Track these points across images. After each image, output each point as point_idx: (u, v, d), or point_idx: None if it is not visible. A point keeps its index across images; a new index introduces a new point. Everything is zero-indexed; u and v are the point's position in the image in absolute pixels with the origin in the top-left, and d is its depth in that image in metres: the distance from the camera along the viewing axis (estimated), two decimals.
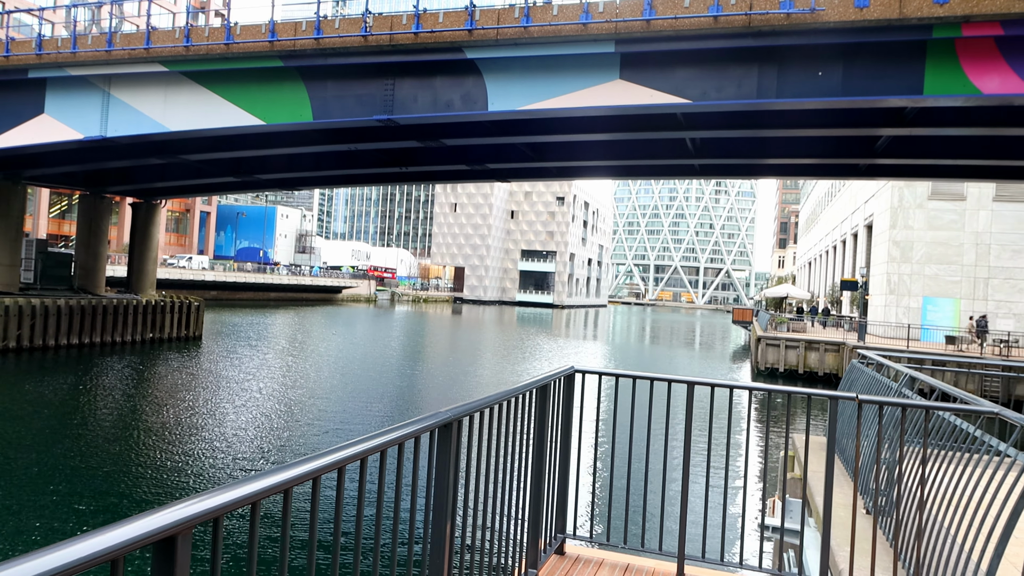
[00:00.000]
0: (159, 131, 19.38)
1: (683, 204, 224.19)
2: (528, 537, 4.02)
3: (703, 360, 43.84)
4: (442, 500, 2.86)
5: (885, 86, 14.24)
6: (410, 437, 2.51)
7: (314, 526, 2.05)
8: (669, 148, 22.31)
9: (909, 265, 38.29)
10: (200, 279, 63.23)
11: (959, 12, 12.83)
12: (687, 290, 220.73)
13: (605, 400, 14.64)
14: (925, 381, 5.69)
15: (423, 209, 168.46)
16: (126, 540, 1.31)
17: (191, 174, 29.06)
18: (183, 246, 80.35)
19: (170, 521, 1.43)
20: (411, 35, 16.17)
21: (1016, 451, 3.36)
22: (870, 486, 5.16)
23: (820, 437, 7.52)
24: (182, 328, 34.00)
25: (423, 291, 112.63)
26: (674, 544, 4.36)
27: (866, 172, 23.31)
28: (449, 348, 41.28)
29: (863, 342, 31.15)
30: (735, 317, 63.73)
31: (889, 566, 4.21)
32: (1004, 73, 13.39)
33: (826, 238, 65.50)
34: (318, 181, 33.32)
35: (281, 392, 21.37)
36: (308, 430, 16.49)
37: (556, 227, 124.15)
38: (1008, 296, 36.79)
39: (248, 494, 1.68)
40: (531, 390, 3.90)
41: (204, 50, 17.84)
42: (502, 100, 16.55)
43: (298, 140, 21.88)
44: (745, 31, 14.17)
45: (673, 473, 4.73)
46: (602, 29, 14.89)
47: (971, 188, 37.10)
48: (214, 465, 13.21)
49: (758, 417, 20.08)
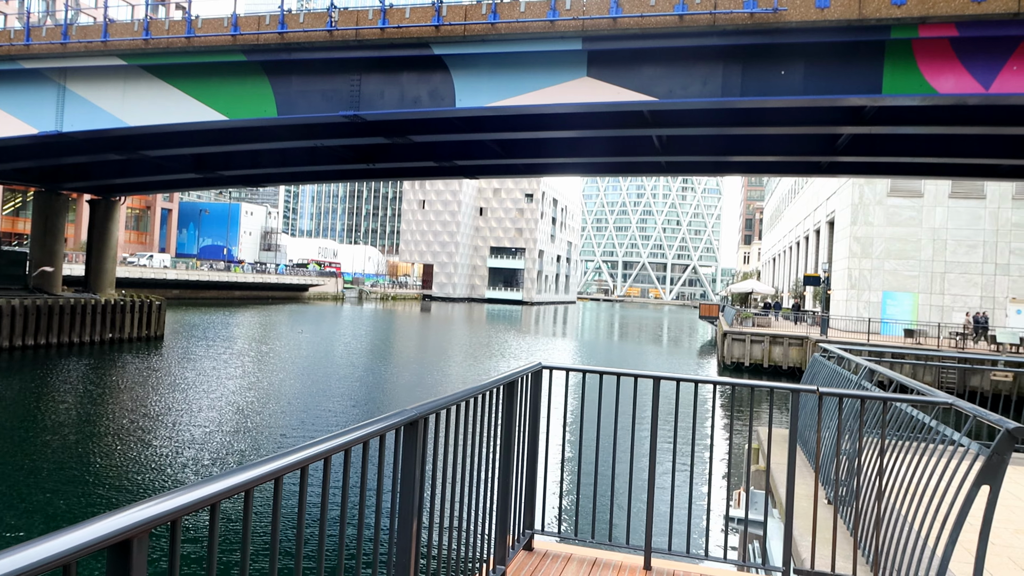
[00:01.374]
0: (117, 126, 18.90)
1: (650, 201, 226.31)
2: (496, 534, 4.02)
3: (671, 356, 44.35)
4: (408, 498, 2.84)
5: (845, 85, 14.54)
6: (375, 435, 2.48)
7: (276, 527, 2.02)
8: (636, 146, 22.49)
9: (869, 260, 39.23)
10: (162, 278, 61.90)
11: (916, 13, 13.16)
12: (655, 286, 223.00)
13: (573, 396, 14.70)
14: (883, 373, 5.83)
15: (391, 206, 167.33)
16: (78, 544, 1.27)
17: (152, 170, 28.41)
18: (144, 244, 78.56)
19: (125, 524, 1.39)
20: (377, 30, 16.03)
21: (969, 440, 3.46)
22: (831, 477, 5.28)
23: (784, 429, 7.67)
24: (143, 328, 33.25)
25: (392, 288, 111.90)
26: (641, 538, 4.40)
27: (828, 170, 23.80)
28: (417, 346, 41.09)
29: (825, 336, 31.83)
30: (702, 312, 64.57)
31: (849, 555, 4.30)
32: (959, 73, 13.78)
33: (790, 234, 66.75)
34: (283, 178, 32.84)
35: (244, 392, 21.05)
36: (272, 430, 16.27)
37: (525, 224, 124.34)
38: (963, 290, 37.93)
39: (207, 495, 1.64)
40: (498, 387, 3.90)
41: (164, 43, 17.45)
42: (470, 97, 16.51)
43: (262, 136, 21.53)
44: (710, 30, 14.34)
45: (640, 467, 4.78)
46: (569, 26, 14.93)
47: (928, 185, 38.14)
48: (174, 467, 12.95)
49: (723, 411, 20.38)
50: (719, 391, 4.84)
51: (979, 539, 3.27)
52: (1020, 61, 13.44)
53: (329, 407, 19.41)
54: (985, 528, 3.26)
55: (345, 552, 2.36)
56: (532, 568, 4.30)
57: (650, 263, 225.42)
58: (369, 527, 3.03)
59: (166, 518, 1.51)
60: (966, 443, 3.46)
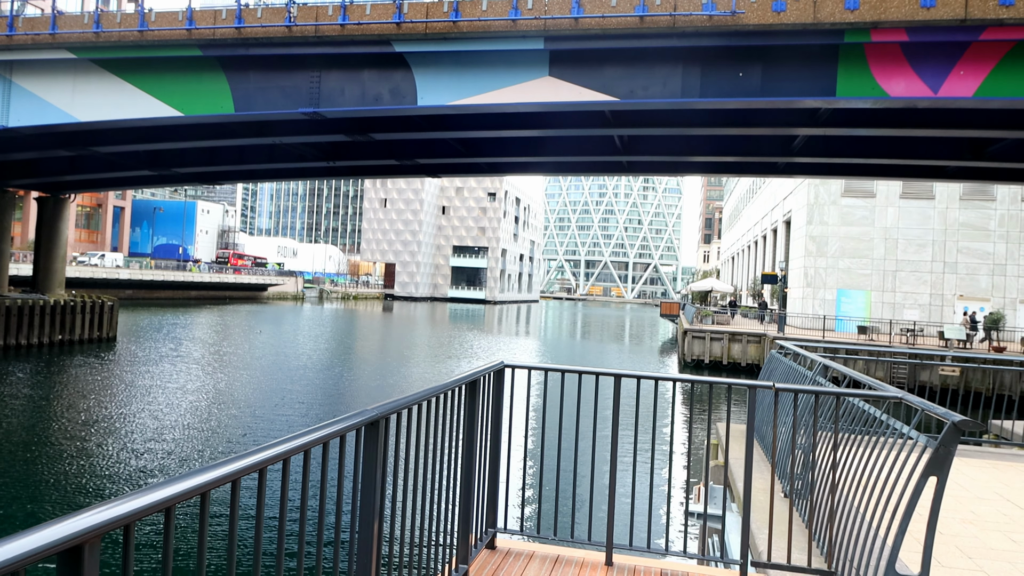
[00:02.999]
0: (67, 121, 18.30)
1: (612, 200, 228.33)
2: (459, 533, 4.02)
3: (633, 354, 44.82)
4: (369, 499, 2.82)
5: (801, 87, 14.88)
6: (335, 436, 2.45)
7: (233, 531, 1.99)
8: (598, 145, 22.66)
9: (824, 259, 40.22)
10: (114, 277, 60.11)
11: (868, 18, 13.53)
12: (617, 285, 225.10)
13: (535, 394, 14.75)
14: (837, 369, 5.99)
15: (352, 204, 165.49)
16: (27, 551, 1.23)
17: (103, 167, 27.57)
18: (95, 243, 76.21)
19: (76, 530, 1.35)
20: (337, 27, 15.83)
21: (918, 433, 3.58)
22: (787, 471, 5.40)
23: (742, 425, 7.82)
24: (94, 329, 32.27)
25: (353, 288, 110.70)
26: (603, 534, 4.44)
27: (784, 170, 24.32)
28: (379, 347, 40.75)
29: (782, 333, 32.54)
30: (663, 311, 65.43)
31: (805, 546, 4.41)
32: (909, 77, 14.22)
33: (748, 234, 68.05)
34: (241, 175, 32.21)
35: (199, 395, 20.59)
36: (228, 434, 15.95)
37: (488, 223, 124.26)
38: (914, 288, 39.17)
39: (161, 499, 1.60)
40: (460, 386, 3.89)
41: (116, 37, 16.95)
42: (432, 95, 16.42)
43: (219, 132, 21.07)
44: (670, 31, 14.53)
45: (602, 465, 4.82)
46: (531, 26, 14.97)
47: (880, 186, 39.27)
48: (126, 473, 12.60)
49: (684, 408, 20.69)
50: (679, 388, 4.91)
51: (927, 528, 3.39)
52: (967, 66, 13.93)
53: (288, 410, 19.11)
54: (933, 518, 3.37)
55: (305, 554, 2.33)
56: (495, 566, 4.30)
57: (612, 262, 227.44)
58: (330, 529, 3.00)
59: (119, 523, 1.47)
60: (915, 436, 3.58)
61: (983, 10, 13.05)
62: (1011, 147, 19.33)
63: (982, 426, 4.99)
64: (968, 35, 13.50)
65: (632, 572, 4.30)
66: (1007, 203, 38.22)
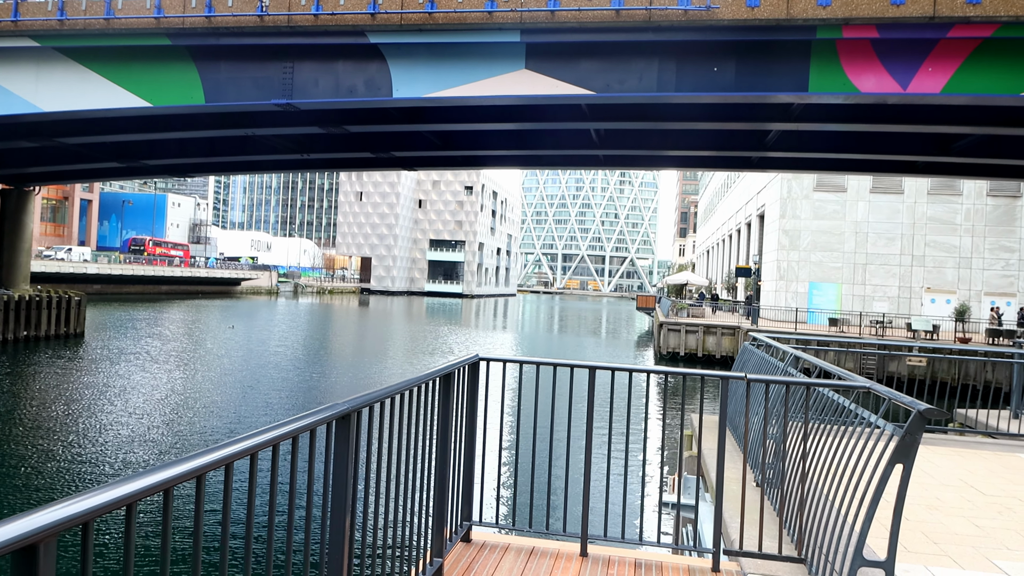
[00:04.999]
0: (30, 112, 17.84)
1: (589, 194, 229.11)
2: (433, 526, 4.00)
3: (610, 347, 45.08)
4: (341, 494, 2.79)
5: (774, 83, 15.03)
6: (305, 430, 2.42)
7: (199, 528, 1.94)
8: (575, 139, 22.68)
9: (797, 252, 40.79)
10: (82, 272, 58.89)
11: (840, 15, 13.70)
12: (594, 278, 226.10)
13: (511, 387, 14.76)
14: (808, 360, 6.07)
15: (327, 198, 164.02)
16: None
17: (69, 158, 26.94)
18: (62, 236, 74.59)
19: (30, 528, 1.30)
20: (311, 16, 15.62)
21: (885, 422, 3.64)
22: (759, 460, 5.47)
23: (715, 416, 7.90)
24: (61, 325, 31.61)
25: (329, 282, 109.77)
26: (578, 525, 4.46)
27: (758, 164, 24.58)
28: (355, 342, 40.49)
29: (756, 325, 32.96)
30: (639, 304, 65.86)
31: (776, 534, 4.47)
32: (879, 73, 14.43)
33: (723, 227, 68.73)
34: (213, 167, 31.70)
35: (169, 392, 20.28)
36: (197, 431, 15.72)
37: (465, 216, 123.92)
38: (883, 280, 39.90)
39: (122, 496, 1.56)
40: (434, 379, 3.87)
41: (81, 24, 16.55)
42: (407, 87, 16.29)
43: (190, 124, 20.70)
44: (645, 25, 14.57)
45: (577, 457, 4.84)
46: (507, 18, 14.91)
47: (851, 180, 39.91)
48: (89, 471, 12.35)
49: (658, 399, 20.85)
50: (654, 380, 4.94)
51: (893, 515, 3.45)
52: (935, 62, 14.18)
53: (260, 406, 18.91)
54: (899, 504, 3.43)
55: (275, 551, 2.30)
56: (470, 559, 4.30)
57: (589, 255, 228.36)
58: (300, 525, 2.97)
59: (76, 520, 1.42)
60: (882, 424, 3.64)
61: (951, 8, 13.27)
62: (976, 143, 19.74)
63: (947, 414, 5.09)
64: (936, 32, 13.73)
65: (606, 562, 4.33)
66: (972, 198, 39.07)
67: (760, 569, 4.21)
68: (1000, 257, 38.76)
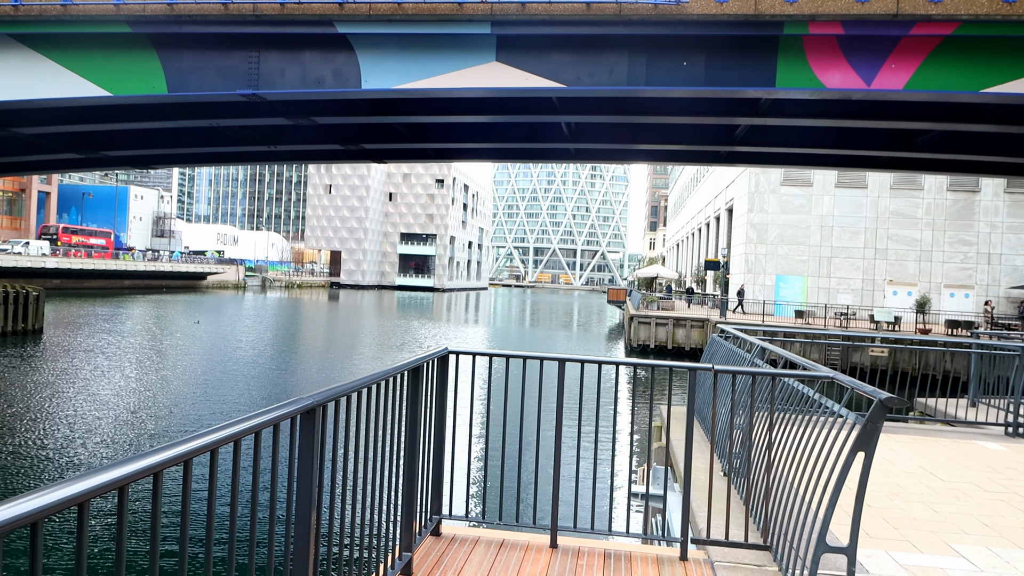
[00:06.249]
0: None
1: (560, 188, 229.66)
2: (402, 521, 3.98)
3: (581, 340, 45.30)
4: (306, 489, 2.75)
5: (743, 78, 15.18)
6: (268, 425, 2.37)
7: (156, 527, 1.88)
8: (546, 132, 22.67)
9: (764, 246, 41.40)
10: (40, 266, 57.30)
11: (806, 11, 13.88)
12: (565, 272, 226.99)
13: (480, 380, 14.74)
14: (774, 351, 6.16)
15: (295, 191, 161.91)
16: None
17: (25, 150, 26.12)
18: (18, 230, 72.46)
19: None
20: (277, 5, 15.33)
21: (848, 411, 3.71)
22: (726, 450, 5.54)
23: (683, 407, 7.98)
24: (18, 321, 30.74)
25: (297, 276, 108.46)
26: (548, 517, 4.47)
27: (726, 159, 24.84)
28: (324, 337, 40.10)
29: (724, 318, 33.39)
30: (610, 297, 66.36)
31: (742, 522, 4.53)
32: (844, 70, 14.66)
33: (692, 221, 69.46)
34: (176, 159, 31.01)
35: (130, 389, 19.85)
36: (158, 426, 15.43)
37: (436, 210, 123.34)
38: (848, 273, 40.72)
39: (74, 495, 1.50)
40: (403, 372, 3.84)
41: (36, 11, 16.03)
42: (376, 78, 16.11)
43: (152, 114, 20.22)
44: (616, 19, 14.59)
45: (547, 449, 4.85)
46: (478, 9, 14.81)
47: (817, 175, 40.60)
48: (41, 471, 12.04)
49: (628, 391, 21.03)
50: (624, 372, 4.96)
51: (855, 502, 3.52)
52: (898, 59, 14.46)
53: (224, 403, 18.61)
54: (861, 491, 3.50)
55: (237, 551, 2.25)
56: (439, 553, 4.28)
57: (560, 249, 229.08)
58: (263, 523, 2.92)
59: (25, 520, 1.37)
60: (845, 413, 3.70)
61: (913, 6, 13.54)
62: (937, 139, 20.20)
63: (907, 403, 5.20)
64: (899, 30, 14.00)
65: (576, 553, 4.34)
66: (933, 192, 40.03)
67: (727, 557, 4.27)
68: (959, 250, 39.80)
